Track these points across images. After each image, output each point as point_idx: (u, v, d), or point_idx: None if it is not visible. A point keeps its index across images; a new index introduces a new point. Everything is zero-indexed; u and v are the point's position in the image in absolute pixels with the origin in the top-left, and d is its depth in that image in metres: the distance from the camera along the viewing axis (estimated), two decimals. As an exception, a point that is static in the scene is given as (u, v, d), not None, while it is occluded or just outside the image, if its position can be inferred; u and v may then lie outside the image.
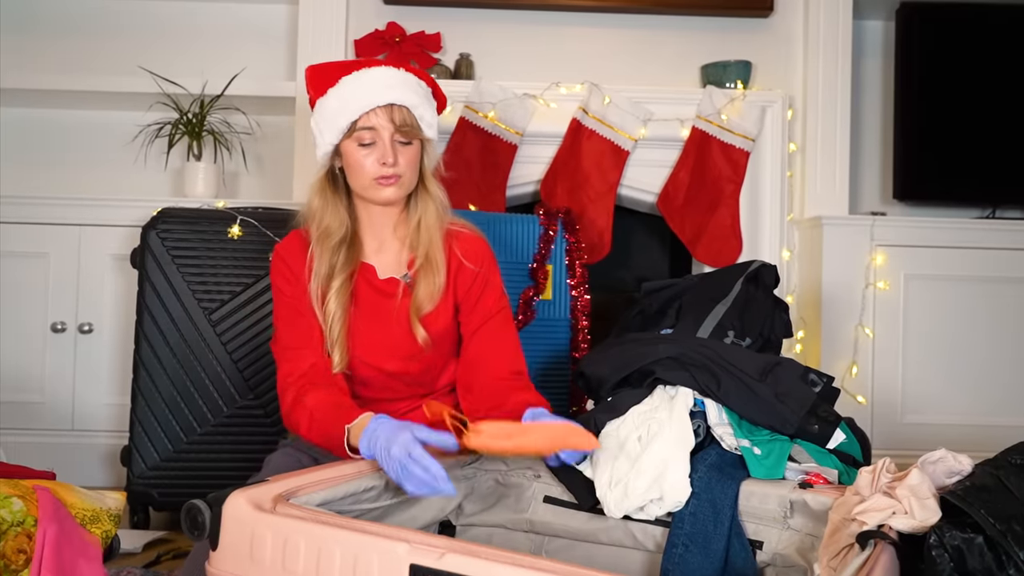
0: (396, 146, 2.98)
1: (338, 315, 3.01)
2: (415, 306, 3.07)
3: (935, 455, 2.47)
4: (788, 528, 2.67)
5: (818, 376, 3.09)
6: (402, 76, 3.04)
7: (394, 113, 2.96)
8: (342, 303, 3.02)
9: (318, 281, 3.03)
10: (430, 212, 3.13)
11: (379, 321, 3.10)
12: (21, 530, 2.96)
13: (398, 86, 3.00)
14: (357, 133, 2.96)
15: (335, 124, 2.98)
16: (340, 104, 2.99)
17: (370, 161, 2.97)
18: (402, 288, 3.11)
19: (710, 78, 5.31)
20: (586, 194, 5.09)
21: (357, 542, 2.00)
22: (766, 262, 3.98)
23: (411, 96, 3.01)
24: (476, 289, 3.18)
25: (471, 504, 3.05)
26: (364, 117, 2.95)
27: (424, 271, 3.09)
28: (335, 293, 3.01)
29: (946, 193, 5.46)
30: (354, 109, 2.96)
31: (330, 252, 3.05)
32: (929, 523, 2.20)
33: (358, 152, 2.98)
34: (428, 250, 3.09)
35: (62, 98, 5.36)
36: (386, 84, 2.99)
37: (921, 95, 5.39)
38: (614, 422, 2.95)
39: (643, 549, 2.84)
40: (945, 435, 4.72)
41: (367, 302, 3.10)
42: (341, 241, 3.07)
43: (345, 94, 2.99)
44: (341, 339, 3.02)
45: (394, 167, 2.97)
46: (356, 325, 3.07)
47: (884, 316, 4.99)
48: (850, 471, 2.84)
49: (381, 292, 3.12)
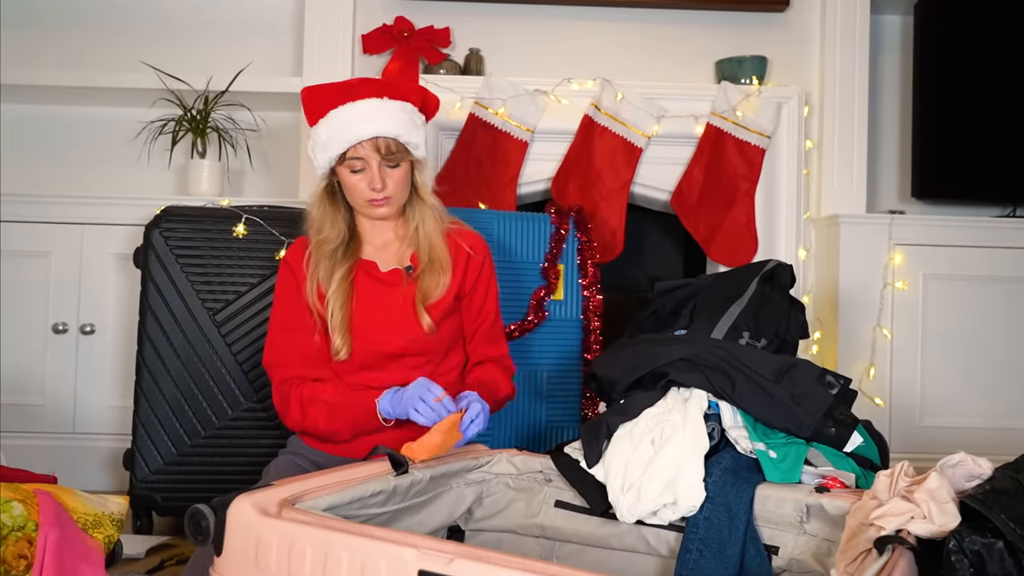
0: (384, 171, 3.21)
1: (339, 304, 3.19)
2: (421, 294, 3.23)
3: (954, 458, 2.46)
4: (804, 533, 2.67)
5: (835, 378, 3.09)
6: (386, 107, 3.23)
7: (379, 144, 3.17)
8: (343, 294, 3.20)
9: (314, 281, 3.22)
10: (428, 219, 3.34)
11: (381, 307, 3.24)
12: (22, 535, 2.96)
13: (382, 118, 3.20)
14: (348, 162, 3.18)
15: (327, 153, 3.21)
16: (329, 136, 3.20)
17: (362, 185, 3.20)
18: (405, 278, 3.28)
19: (725, 74, 5.30)
20: (598, 192, 5.08)
21: (364, 547, 2.00)
22: (782, 261, 3.97)
23: (395, 126, 3.20)
24: (481, 287, 3.38)
25: (481, 509, 3.06)
26: (352, 149, 3.16)
27: (430, 269, 3.26)
28: (336, 286, 3.20)
29: (966, 191, 5.44)
30: (342, 141, 3.18)
31: (327, 257, 3.25)
32: (948, 528, 2.20)
33: (351, 177, 3.22)
34: (431, 252, 3.29)
35: (64, 94, 5.35)
36: (369, 119, 3.19)
37: (940, 91, 5.37)
38: (627, 425, 2.96)
39: (656, 554, 2.85)
40: (964, 438, 4.71)
41: (369, 292, 3.26)
42: (336, 249, 3.27)
43: (334, 126, 3.20)
44: (343, 326, 3.18)
45: (383, 191, 3.18)
46: (358, 312, 3.22)
47: (902, 316, 4.98)
48: (868, 475, 2.84)
49: (383, 282, 3.28)
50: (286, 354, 3.23)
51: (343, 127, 3.17)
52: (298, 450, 3.29)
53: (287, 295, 3.28)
